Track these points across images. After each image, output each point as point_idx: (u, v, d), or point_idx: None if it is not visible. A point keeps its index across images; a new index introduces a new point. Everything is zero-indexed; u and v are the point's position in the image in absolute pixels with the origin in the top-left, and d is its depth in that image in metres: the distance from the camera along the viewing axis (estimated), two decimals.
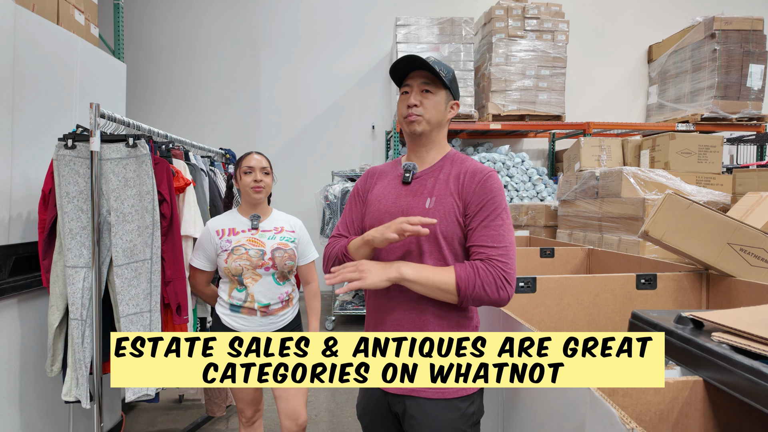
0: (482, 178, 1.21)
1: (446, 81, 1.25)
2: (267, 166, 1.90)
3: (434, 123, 1.26)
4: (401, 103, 1.28)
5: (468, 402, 1.20)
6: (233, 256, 1.82)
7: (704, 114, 4.95)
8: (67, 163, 1.92)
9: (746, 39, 4.80)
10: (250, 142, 6.03)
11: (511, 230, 1.18)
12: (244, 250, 1.83)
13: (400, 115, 1.28)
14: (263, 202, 1.94)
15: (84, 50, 2.52)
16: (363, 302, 5.01)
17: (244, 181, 1.86)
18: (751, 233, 1.68)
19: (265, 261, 1.83)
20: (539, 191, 5.23)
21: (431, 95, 1.25)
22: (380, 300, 1.27)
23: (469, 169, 1.24)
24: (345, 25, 6.15)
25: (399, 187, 1.29)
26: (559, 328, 1.70)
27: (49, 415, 2.19)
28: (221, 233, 1.88)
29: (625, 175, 3.02)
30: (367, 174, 1.42)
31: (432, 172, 1.28)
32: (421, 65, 1.23)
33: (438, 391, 1.18)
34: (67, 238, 1.91)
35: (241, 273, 1.82)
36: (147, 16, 6.03)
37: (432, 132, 1.28)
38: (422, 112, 1.24)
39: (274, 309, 1.88)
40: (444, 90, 1.27)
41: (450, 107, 1.30)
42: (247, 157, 1.89)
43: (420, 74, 1.26)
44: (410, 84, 1.27)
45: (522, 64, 5.07)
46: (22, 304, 2.07)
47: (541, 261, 2.51)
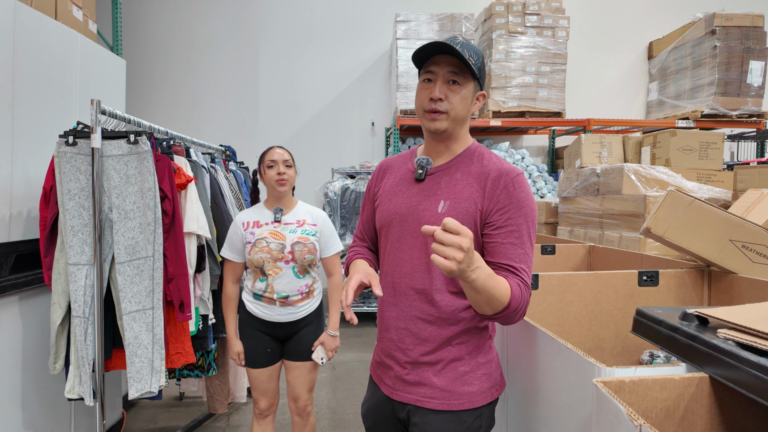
0: (507, 182, 1.07)
1: (476, 69, 1.07)
2: (289, 158, 1.96)
3: (458, 120, 1.11)
4: (422, 92, 1.10)
5: (475, 415, 1.13)
6: (255, 249, 1.89)
7: (704, 111, 4.94)
8: (68, 160, 1.92)
9: (747, 35, 4.79)
10: (249, 139, 6.02)
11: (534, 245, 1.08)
12: (266, 243, 1.89)
13: (420, 108, 1.12)
14: (287, 194, 1.99)
15: (83, 46, 2.51)
16: (363, 299, 5.01)
17: (268, 174, 1.92)
18: (752, 230, 1.68)
19: (285, 254, 1.89)
20: (539, 188, 5.23)
21: (458, 87, 1.08)
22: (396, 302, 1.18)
23: (493, 171, 1.09)
24: (344, 21, 6.12)
25: (411, 185, 1.17)
26: (562, 325, 1.70)
27: (51, 412, 2.19)
28: (246, 225, 1.95)
29: (626, 172, 3.02)
30: (379, 168, 1.30)
31: (448, 169, 1.14)
32: (449, 50, 1.04)
33: (444, 403, 1.12)
34: (69, 236, 1.91)
35: (263, 265, 1.89)
36: (145, 11, 6.00)
37: (455, 128, 1.13)
38: (447, 108, 1.08)
39: (293, 300, 1.93)
40: (473, 81, 1.10)
41: (476, 99, 1.13)
42: (269, 152, 1.95)
43: (447, 61, 1.07)
44: (434, 71, 1.08)
45: (522, 60, 5.06)
46: (24, 301, 2.07)
47: (542, 258, 2.51)
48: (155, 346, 1.94)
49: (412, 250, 1.14)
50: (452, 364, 1.13)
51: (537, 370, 1.20)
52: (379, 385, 1.24)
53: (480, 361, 1.15)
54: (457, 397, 1.12)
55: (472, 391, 1.13)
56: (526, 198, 1.07)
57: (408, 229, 1.15)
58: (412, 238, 1.14)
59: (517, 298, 1.00)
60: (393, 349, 1.18)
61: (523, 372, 1.30)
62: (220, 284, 2.41)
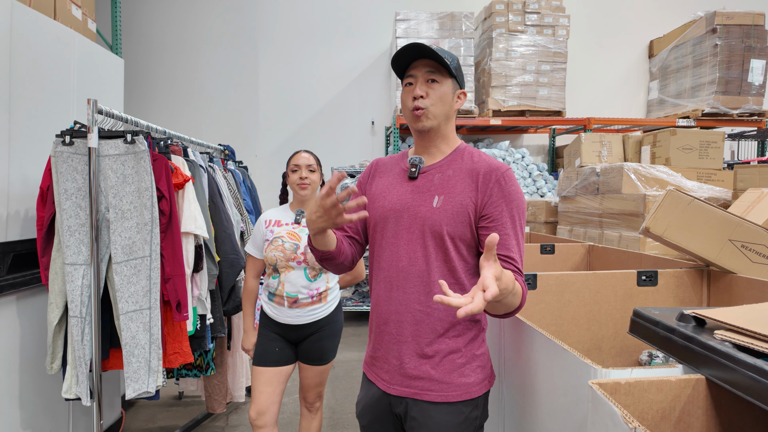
0: (499, 177, 1.14)
1: (452, 68, 1.17)
2: (313, 164, 1.99)
3: (442, 116, 1.19)
4: (406, 95, 1.20)
5: (471, 406, 1.17)
6: (271, 247, 1.93)
7: (705, 109, 4.93)
8: (65, 160, 1.91)
9: (747, 34, 4.77)
10: (248, 138, 6.02)
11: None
12: (281, 242, 1.93)
13: (406, 109, 1.20)
14: (311, 199, 2.02)
15: (81, 45, 2.51)
16: (363, 298, 5.01)
17: (292, 178, 1.97)
18: (752, 230, 1.67)
19: (297, 255, 1.91)
20: (539, 187, 5.22)
21: (437, 85, 1.17)
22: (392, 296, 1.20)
23: (484, 166, 1.16)
24: (344, 19, 6.11)
25: (404, 183, 1.22)
26: (560, 325, 1.70)
27: (49, 412, 2.19)
28: (268, 223, 2.00)
29: (625, 171, 3.01)
30: (371, 166, 1.34)
31: (440, 167, 1.20)
32: (424, 53, 1.15)
33: (442, 395, 1.15)
34: (66, 236, 1.90)
35: (276, 263, 1.92)
36: (144, 10, 6.00)
37: (440, 126, 1.20)
38: (428, 104, 1.16)
39: (303, 302, 1.93)
40: (450, 79, 1.19)
41: (457, 97, 1.22)
42: (295, 156, 2.00)
43: (424, 63, 1.17)
44: (414, 74, 1.18)
45: (522, 59, 5.04)
46: (21, 301, 2.07)
47: (541, 257, 2.50)
48: (152, 346, 1.94)
49: (409, 245, 1.17)
50: (449, 356, 1.16)
51: (533, 370, 1.20)
52: (374, 381, 1.25)
53: (475, 353, 1.19)
54: (455, 389, 1.16)
55: (468, 382, 1.17)
56: (516, 191, 1.15)
57: (404, 225, 1.18)
58: (408, 233, 1.18)
59: (524, 297, 1.09)
60: (392, 342, 1.20)
61: (520, 373, 1.29)
62: (218, 284, 2.41)
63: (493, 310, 1.08)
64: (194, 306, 2.20)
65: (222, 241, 2.43)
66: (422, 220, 1.16)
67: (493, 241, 0.85)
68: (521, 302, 1.08)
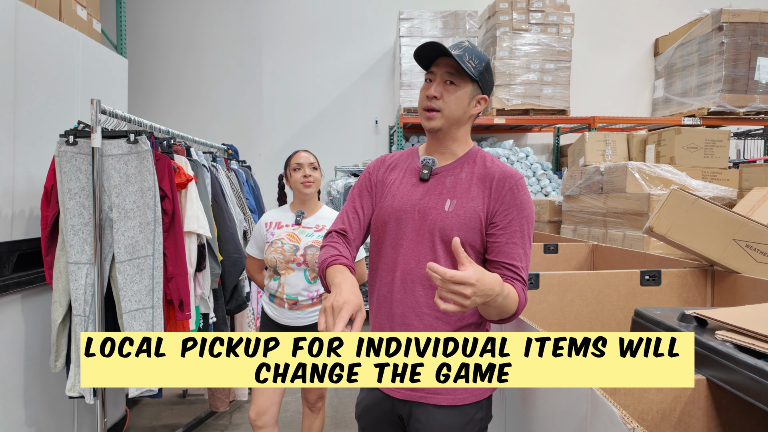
0: (512, 185, 1.13)
1: (474, 74, 1.13)
2: (315, 161, 2.00)
3: (453, 119, 1.16)
4: (422, 91, 1.18)
5: (476, 408, 1.17)
6: (271, 249, 1.93)
7: (711, 108, 4.89)
8: (69, 160, 1.93)
9: (754, 32, 4.73)
10: (252, 138, 6.03)
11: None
12: (281, 244, 1.93)
13: (419, 105, 1.19)
14: (312, 198, 2.02)
15: (86, 46, 2.52)
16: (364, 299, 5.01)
17: (294, 177, 1.96)
18: (757, 229, 1.66)
19: (297, 257, 1.91)
20: (543, 186, 5.20)
21: (454, 88, 1.14)
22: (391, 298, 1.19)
23: (498, 173, 1.15)
24: (348, 18, 6.11)
25: (415, 183, 1.20)
26: (562, 325, 1.69)
27: (53, 410, 2.21)
28: (269, 225, 2.01)
29: (630, 170, 2.99)
30: (380, 161, 1.30)
31: (452, 169, 1.19)
32: (445, 53, 1.12)
33: (448, 399, 1.15)
34: (69, 235, 1.92)
35: (276, 265, 1.92)
36: (149, 10, 6.02)
37: (450, 128, 1.18)
38: (441, 106, 1.14)
39: (303, 304, 1.93)
40: (471, 83, 1.15)
41: (476, 102, 1.18)
42: (295, 155, 1.99)
43: (446, 62, 1.14)
44: (434, 72, 1.16)
45: (526, 57, 5.02)
46: (26, 300, 2.08)
47: (544, 257, 2.49)
48: None
49: (418, 247, 1.15)
50: None
51: None
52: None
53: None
54: (462, 392, 1.15)
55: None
56: (527, 201, 1.14)
57: (414, 226, 1.17)
58: (418, 234, 1.16)
59: (522, 305, 1.08)
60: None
61: None
62: (221, 284, 2.42)
63: (485, 312, 1.07)
64: (197, 305, 2.21)
65: (225, 241, 2.44)
66: (432, 223, 1.14)
67: (456, 244, 0.92)
68: (517, 309, 1.07)
